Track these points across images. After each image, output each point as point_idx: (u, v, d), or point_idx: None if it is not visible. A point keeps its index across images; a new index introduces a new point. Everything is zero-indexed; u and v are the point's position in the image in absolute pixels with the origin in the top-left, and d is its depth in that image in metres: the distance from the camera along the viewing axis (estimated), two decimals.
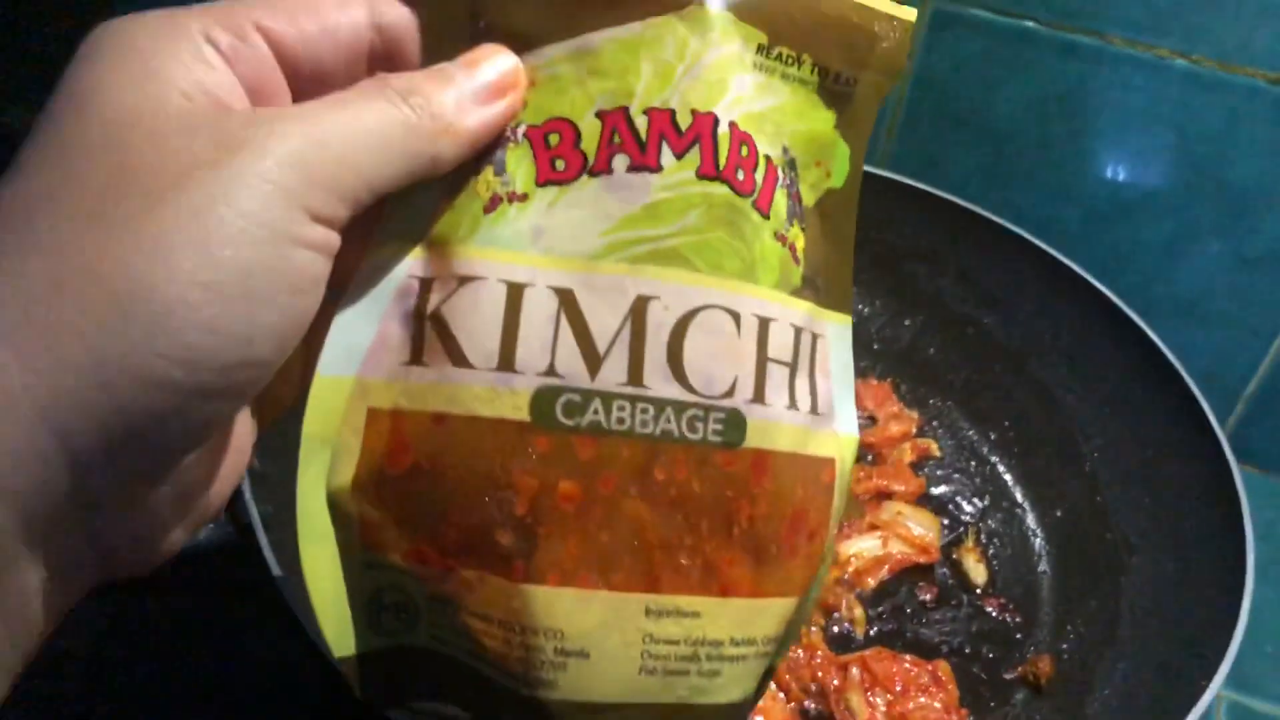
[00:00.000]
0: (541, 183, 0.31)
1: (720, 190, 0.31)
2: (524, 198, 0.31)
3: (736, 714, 0.33)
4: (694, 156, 0.31)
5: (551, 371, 0.30)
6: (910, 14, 0.35)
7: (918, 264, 0.70)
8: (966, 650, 0.56)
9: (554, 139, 0.31)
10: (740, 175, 0.32)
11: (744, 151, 0.32)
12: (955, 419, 0.69)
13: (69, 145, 0.24)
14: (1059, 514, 0.62)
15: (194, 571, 0.46)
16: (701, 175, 0.31)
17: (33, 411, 0.22)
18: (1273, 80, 0.64)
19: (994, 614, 0.58)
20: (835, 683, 0.52)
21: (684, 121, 0.31)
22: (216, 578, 0.51)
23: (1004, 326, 0.68)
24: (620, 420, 0.30)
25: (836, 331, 0.34)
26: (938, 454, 0.66)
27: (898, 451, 0.64)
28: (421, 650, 0.32)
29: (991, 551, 0.61)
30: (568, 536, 0.30)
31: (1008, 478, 0.65)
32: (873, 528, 0.60)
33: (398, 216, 0.31)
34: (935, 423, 0.68)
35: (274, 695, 0.54)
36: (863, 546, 0.59)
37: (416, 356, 0.30)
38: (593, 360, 0.30)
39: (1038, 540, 0.62)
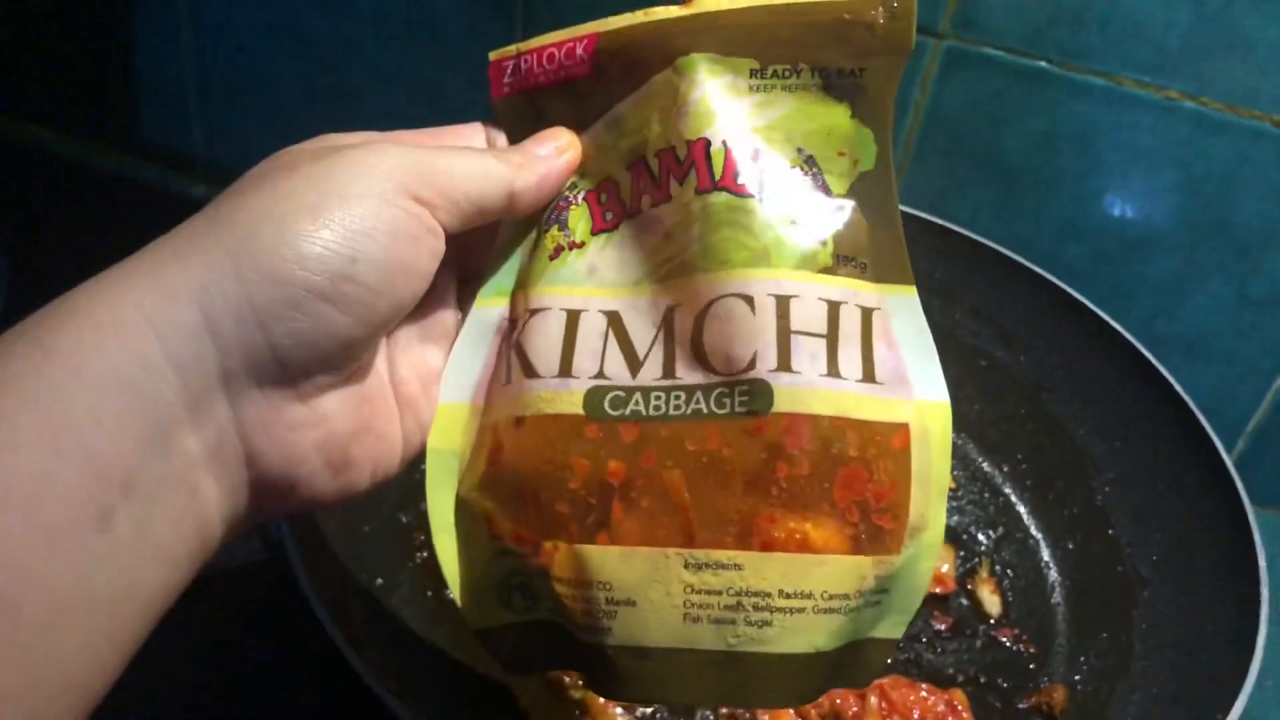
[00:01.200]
0: (595, 232, 0.38)
1: (719, 198, 0.36)
2: (581, 245, 0.38)
3: (806, 667, 0.34)
4: (691, 178, 0.36)
5: (601, 375, 0.36)
6: None
7: (932, 297, 0.69)
8: (981, 680, 0.56)
9: (604, 197, 0.38)
10: (740, 180, 0.36)
11: (743, 161, 0.36)
12: (968, 451, 0.69)
13: (256, 169, 0.34)
14: (1071, 546, 0.63)
15: (222, 591, 0.46)
16: (700, 191, 0.36)
17: (188, 299, 0.29)
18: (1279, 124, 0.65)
19: (1008, 644, 0.58)
20: (853, 710, 0.53)
21: (681, 153, 0.36)
22: (246, 598, 0.51)
23: (1017, 361, 0.69)
24: (657, 408, 0.35)
25: (899, 303, 0.36)
26: (952, 485, 0.67)
27: None
28: (546, 624, 0.37)
29: (1006, 583, 0.62)
30: (614, 504, 0.34)
31: (1021, 509, 0.66)
32: None
33: (492, 276, 0.38)
34: None
35: (300, 716, 0.54)
36: None
37: (507, 378, 0.37)
38: (634, 364, 0.36)
39: (1051, 572, 0.62)
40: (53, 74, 0.97)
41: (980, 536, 0.65)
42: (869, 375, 0.35)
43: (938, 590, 0.60)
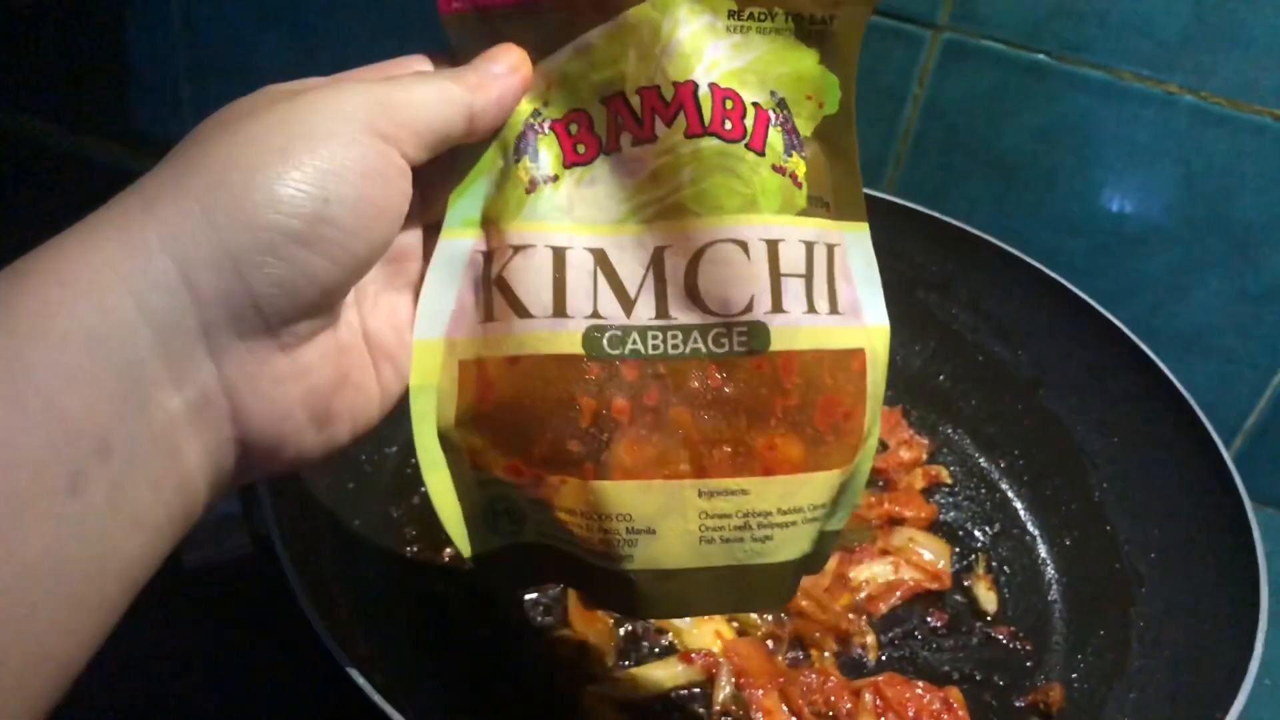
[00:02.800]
0: (568, 165, 0.38)
1: (709, 143, 0.36)
2: (555, 179, 0.38)
3: (792, 571, 0.39)
4: (680, 121, 0.36)
5: (596, 314, 0.37)
6: None
7: (929, 292, 0.70)
8: (977, 677, 0.56)
9: (574, 128, 0.38)
10: (728, 125, 0.37)
11: (728, 105, 0.37)
12: (965, 446, 0.69)
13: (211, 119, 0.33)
14: (1068, 543, 0.63)
15: (210, 587, 0.45)
16: (689, 135, 0.36)
17: (160, 250, 0.28)
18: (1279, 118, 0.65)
19: (1004, 642, 0.58)
20: (848, 707, 0.52)
21: (668, 94, 0.37)
22: (233, 593, 0.51)
23: (1015, 356, 0.68)
24: (655, 347, 0.37)
25: (854, 238, 0.39)
26: (948, 481, 0.66)
27: (909, 477, 0.64)
28: (532, 545, 0.39)
29: (1002, 580, 0.61)
30: (624, 441, 0.36)
31: (1018, 505, 0.66)
32: (884, 553, 0.60)
33: (460, 205, 0.38)
34: (945, 450, 0.68)
35: (289, 713, 0.53)
36: (875, 572, 0.59)
37: (489, 315, 0.37)
38: (626, 303, 0.37)
39: (1048, 569, 0.62)
40: (44, 64, 0.97)
41: (976, 533, 0.64)
42: (834, 307, 0.38)
43: (934, 586, 0.59)
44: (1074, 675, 0.56)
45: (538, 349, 0.36)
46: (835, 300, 0.38)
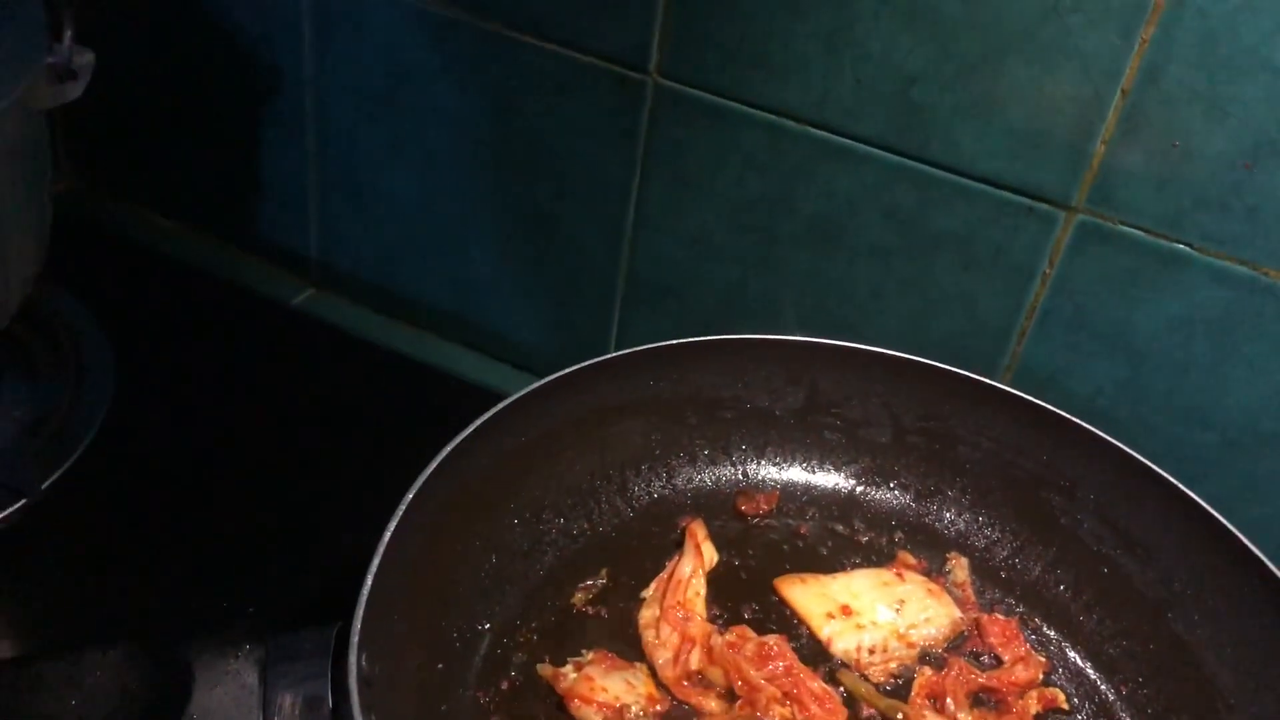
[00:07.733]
0: None
1: None
2: None
3: None
4: None
5: None
6: None
7: (1054, 494, 0.68)
8: None
9: None
10: None
11: None
12: (1084, 668, 0.65)
13: None
14: None
15: None
16: None
17: None
18: None
19: None
20: None
21: None
22: None
23: (1143, 573, 0.65)
24: None
25: None
26: (1065, 706, 0.62)
27: (1023, 701, 0.61)
28: None
29: None
30: None
31: None
32: None
33: None
34: (1061, 669, 0.65)
35: None
36: None
37: None
38: None
39: None
40: (182, 168, 1.02)
41: None
42: None
43: None
44: None
45: None
46: None
